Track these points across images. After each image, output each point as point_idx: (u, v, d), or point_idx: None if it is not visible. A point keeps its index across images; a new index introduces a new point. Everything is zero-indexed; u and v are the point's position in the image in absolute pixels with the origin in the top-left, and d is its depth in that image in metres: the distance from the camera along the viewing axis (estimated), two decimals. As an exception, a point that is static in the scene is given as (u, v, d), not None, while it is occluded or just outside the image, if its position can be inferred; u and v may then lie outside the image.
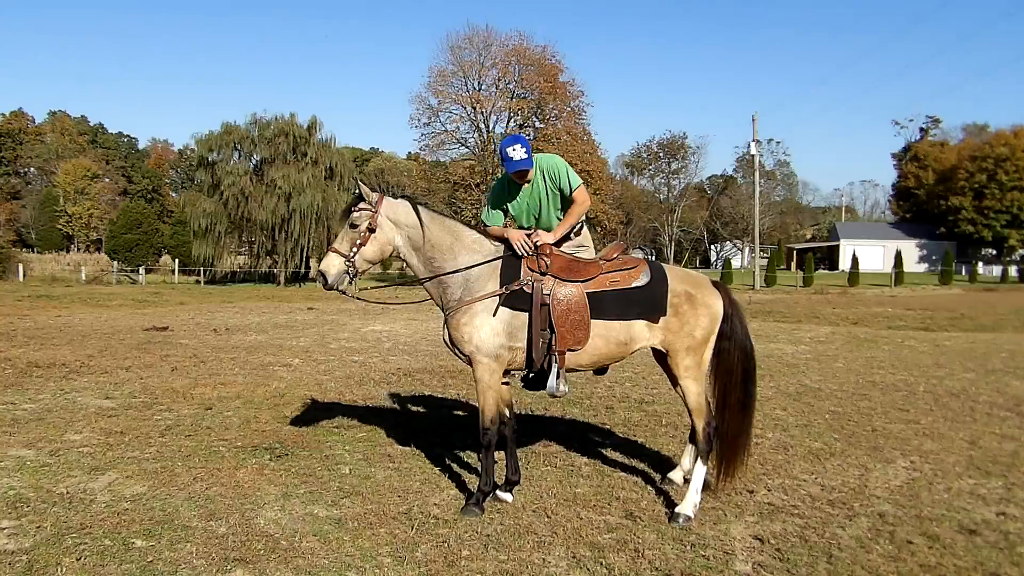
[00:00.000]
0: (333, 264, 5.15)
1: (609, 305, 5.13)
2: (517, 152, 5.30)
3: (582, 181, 5.52)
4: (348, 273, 5.17)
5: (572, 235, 5.63)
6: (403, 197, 5.38)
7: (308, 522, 4.84)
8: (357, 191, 5.23)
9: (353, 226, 5.17)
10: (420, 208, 5.32)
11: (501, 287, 5.13)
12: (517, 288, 5.10)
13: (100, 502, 5.12)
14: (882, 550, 4.50)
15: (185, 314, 21.53)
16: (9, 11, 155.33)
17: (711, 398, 5.48)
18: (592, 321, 5.10)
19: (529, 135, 48.44)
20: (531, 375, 5.34)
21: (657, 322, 5.17)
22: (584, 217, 5.69)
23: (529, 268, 5.17)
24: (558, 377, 5.08)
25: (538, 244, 5.25)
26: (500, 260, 5.25)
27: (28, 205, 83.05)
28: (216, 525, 4.75)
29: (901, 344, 14.98)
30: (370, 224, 5.15)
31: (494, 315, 5.09)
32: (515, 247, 5.26)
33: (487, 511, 5.06)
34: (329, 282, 5.14)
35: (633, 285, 5.16)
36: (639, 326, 5.18)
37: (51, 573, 4.03)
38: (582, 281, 5.15)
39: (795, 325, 19.47)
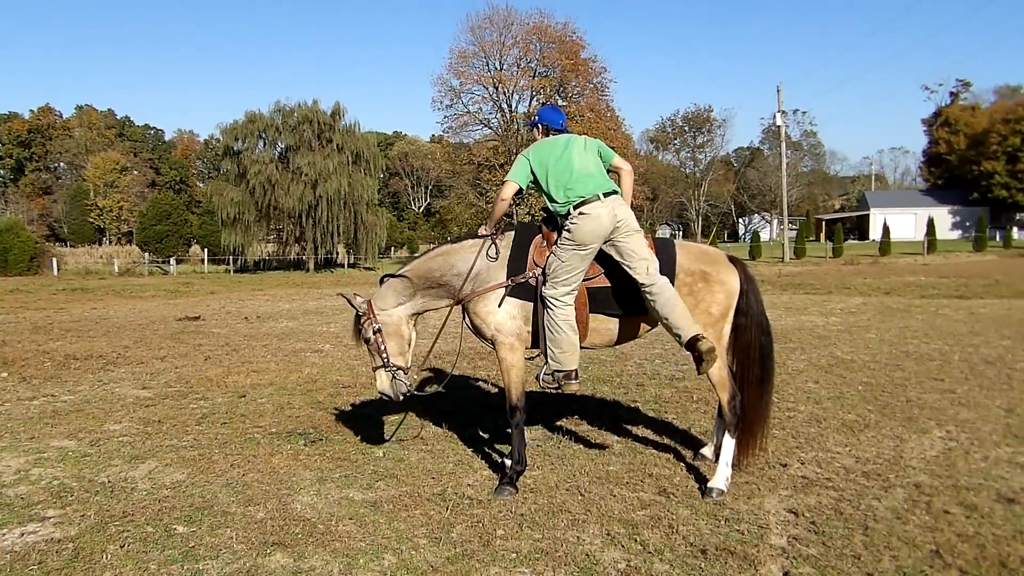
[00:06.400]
0: (382, 379, 5.45)
1: (613, 298, 5.21)
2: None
3: (508, 177, 5.39)
4: (397, 377, 5.39)
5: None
6: (381, 280, 5.60)
7: (344, 506, 4.90)
8: (355, 310, 5.48)
9: (367, 340, 5.43)
10: (399, 274, 5.49)
11: (507, 279, 5.22)
12: (522, 281, 5.20)
13: (141, 490, 5.23)
14: (919, 521, 4.47)
15: (216, 303, 21.78)
16: (33, 7, 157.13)
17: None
18: (595, 315, 5.23)
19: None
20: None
21: None
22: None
23: (535, 262, 5.22)
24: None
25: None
26: (510, 251, 5.31)
27: (59, 200, 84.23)
28: (254, 510, 4.82)
29: (935, 313, 14.79)
30: (373, 327, 5.37)
31: (500, 305, 5.21)
32: None
33: (521, 491, 5.09)
34: (393, 396, 5.43)
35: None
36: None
37: (96, 560, 4.12)
38: (585, 278, 5.18)
39: (825, 296, 19.28)
